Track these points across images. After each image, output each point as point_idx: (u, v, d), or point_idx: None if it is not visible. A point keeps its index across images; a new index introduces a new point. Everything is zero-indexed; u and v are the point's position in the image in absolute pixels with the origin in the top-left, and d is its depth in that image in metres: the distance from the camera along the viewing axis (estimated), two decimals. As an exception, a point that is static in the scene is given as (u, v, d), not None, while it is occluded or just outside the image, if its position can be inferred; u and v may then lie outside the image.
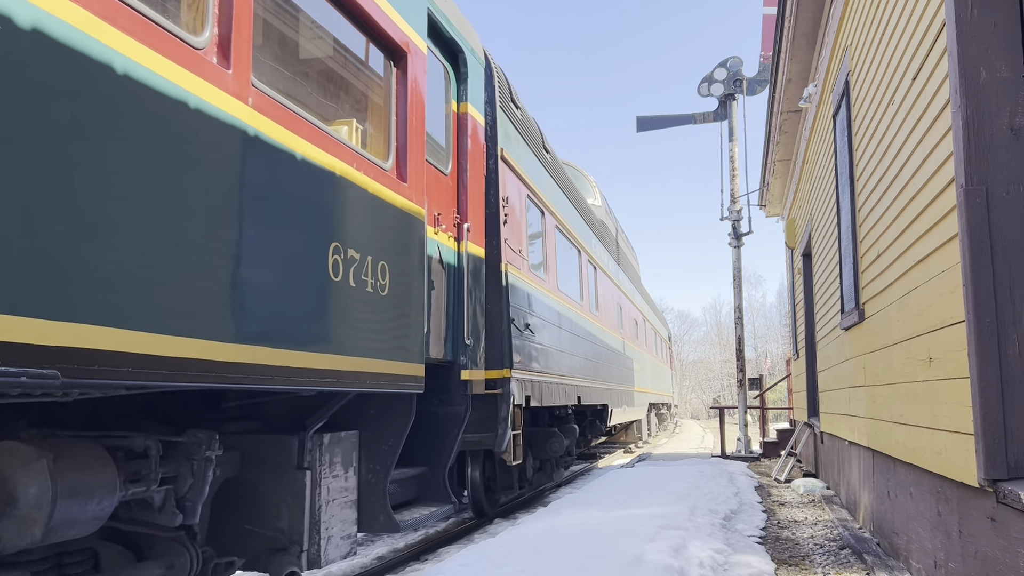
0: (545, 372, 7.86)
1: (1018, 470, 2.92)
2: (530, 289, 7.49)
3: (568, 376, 9.07)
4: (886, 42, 4.61)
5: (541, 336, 7.79)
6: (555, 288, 8.84)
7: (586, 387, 10.24)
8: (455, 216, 5.66)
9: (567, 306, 9.46)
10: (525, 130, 7.87)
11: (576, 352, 9.72)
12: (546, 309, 8.20)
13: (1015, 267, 3.00)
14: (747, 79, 15.35)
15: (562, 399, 8.64)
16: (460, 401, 5.32)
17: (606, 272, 13.15)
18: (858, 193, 5.77)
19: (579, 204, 11.10)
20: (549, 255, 8.91)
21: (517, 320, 6.79)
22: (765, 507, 7.75)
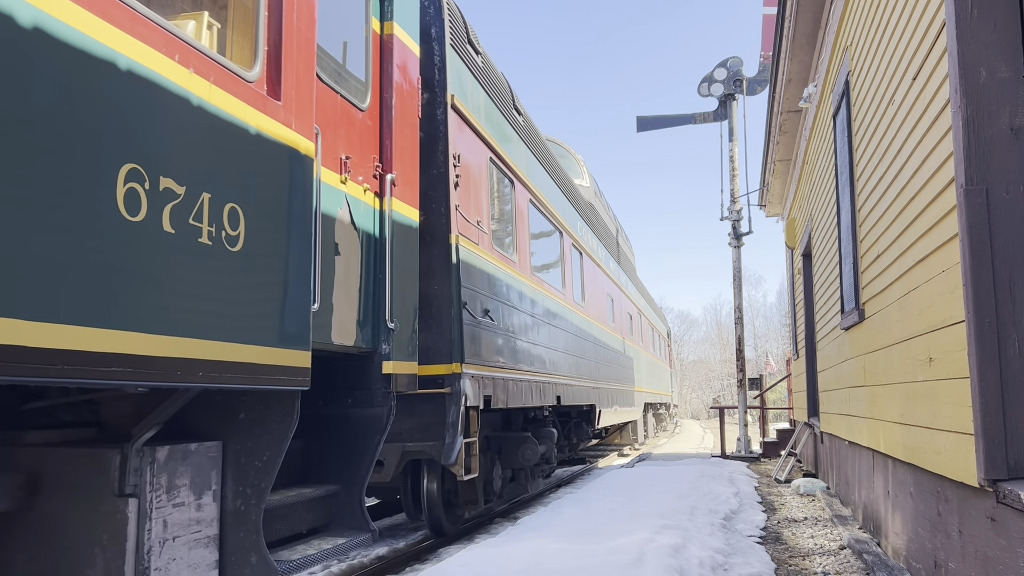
0: (513, 368, 6.85)
1: (1018, 470, 2.92)
2: (493, 269, 6.43)
3: (545, 373, 8.11)
4: (886, 42, 4.61)
5: (508, 325, 6.76)
6: (528, 272, 7.81)
7: (568, 385, 9.23)
8: (375, 165, 4.47)
9: (545, 293, 8.44)
10: (488, 82, 6.79)
11: (555, 346, 8.70)
12: (515, 295, 7.14)
13: (1015, 267, 3.00)
14: (747, 79, 15.35)
15: (536, 399, 7.68)
16: (381, 401, 4.31)
17: (594, 259, 12.00)
18: (858, 193, 5.77)
19: (562, 181, 9.92)
20: (521, 233, 7.73)
21: (472, 304, 5.77)
22: (765, 507, 7.75)
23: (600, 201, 13.91)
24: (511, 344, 6.92)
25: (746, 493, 8.55)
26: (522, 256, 7.68)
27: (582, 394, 10.09)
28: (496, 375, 6.32)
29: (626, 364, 14.66)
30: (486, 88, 6.72)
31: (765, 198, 14.51)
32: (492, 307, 6.34)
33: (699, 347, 76.00)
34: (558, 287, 9.28)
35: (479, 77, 6.55)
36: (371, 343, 4.34)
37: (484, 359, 6.01)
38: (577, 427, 11.12)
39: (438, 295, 5.46)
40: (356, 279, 4.20)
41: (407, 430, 5.37)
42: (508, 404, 6.63)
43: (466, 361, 5.55)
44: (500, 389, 6.41)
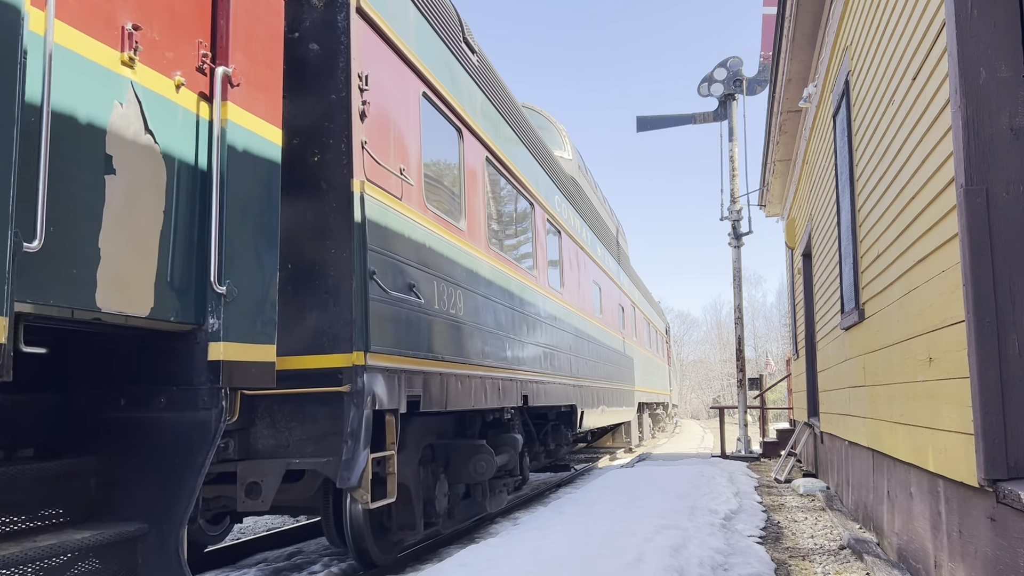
0: (458, 361, 5.60)
1: (1018, 470, 2.92)
2: (426, 235, 5.16)
3: (507, 368, 6.81)
4: (886, 42, 4.61)
5: (450, 308, 5.51)
6: (483, 245, 6.45)
7: (539, 383, 7.92)
8: (200, 54, 3.23)
9: (508, 273, 7.10)
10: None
11: (522, 337, 7.42)
12: (462, 271, 5.82)
13: (1015, 267, 3.00)
14: (747, 79, 15.35)
15: (494, 399, 6.42)
16: (208, 401, 3.16)
17: (577, 241, 10.63)
18: (858, 193, 5.77)
19: (536, 147, 8.56)
20: (473, 196, 6.32)
21: (387, 276, 4.49)
22: (765, 507, 7.75)
23: (586, 178, 12.50)
24: (455, 332, 5.58)
25: (746, 493, 8.55)
26: (474, 225, 6.28)
27: (558, 393, 8.79)
28: (430, 370, 5.03)
29: (617, 361, 13.52)
30: (418, 3, 5.37)
31: (765, 198, 14.51)
32: (423, 282, 5.01)
33: (699, 347, 76.10)
34: (527, 268, 7.94)
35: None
36: (188, 315, 3.11)
37: (408, 348, 4.71)
38: (555, 431, 9.73)
39: (335, 261, 4.21)
40: (155, 217, 2.97)
41: (296, 441, 4.23)
42: (449, 406, 5.30)
43: (373, 350, 4.24)
44: (436, 387, 5.15)
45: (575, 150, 12.17)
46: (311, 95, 4.39)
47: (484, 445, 6.16)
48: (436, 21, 5.72)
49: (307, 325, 4.27)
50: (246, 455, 4.30)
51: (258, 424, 4.34)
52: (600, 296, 12.32)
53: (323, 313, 4.25)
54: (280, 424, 4.29)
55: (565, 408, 9.54)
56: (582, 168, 12.52)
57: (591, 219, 12.03)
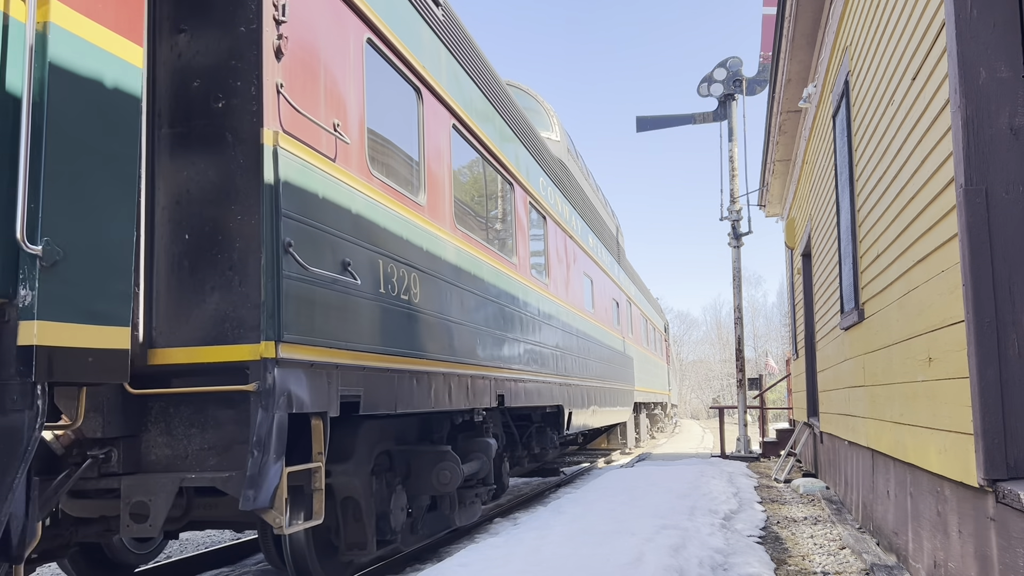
0: (410, 355, 4.87)
1: (1018, 470, 2.92)
2: (367, 206, 4.41)
3: (477, 364, 6.10)
4: (886, 42, 4.61)
5: (401, 292, 4.78)
6: (448, 224, 5.73)
7: (517, 381, 7.20)
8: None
9: (480, 258, 6.38)
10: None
11: (497, 330, 6.71)
12: (418, 251, 5.08)
13: (1015, 267, 3.01)
14: (747, 79, 15.35)
15: (461, 399, 5.73)
16: (20, 400, 2.56)
17: (565, 229, 9.92)
18: (858, 193, 5.77)
19: (515, 119, 7.81)
20: (435, 167, 5.54)
21: (308, 250, 3.74)
22: (765, 507, 7.75)
23: (576, 163, 11.66)
24: (409, 322, 4.87)
25: (746, 493, 8.55)
26: (437, 201, 5.54)
27: (542, 392, 8.10)
28: (374, 365, 4.35)
29: (610, 358, 12.83)
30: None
31: (765, 198, 14.52)
32: (363, 261, 4.29)
33: (699, 347, 76.15)
34: (505, 255, 7.20)
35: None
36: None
37: (342, 339, 4.02)
38: (540, 433, 9.06)
39: (241, 230, 3.54)
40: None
41: (196, 452, 3.59)
42: (401, 408, 4.67)
43: (288, 339, 3.51)
44: (382, 386, 4.46)
45: (564, 132, 11.23)
46: (215, 27, 3.69)
47: (449, 452, 5.43)
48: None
49: (207, 308, 3.55)
50: (135, 468, 3.59)
51: (151, 430, 3.65)
52: (592, 289, 11.59)
53: (227, 294, 3.55)
54: (177, 430, 3.64)
55: (551, 409, 8.87)
56: (572, 152, 11.64)
57: (582, 207, 11.26)
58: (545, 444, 9.16)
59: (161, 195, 3.67)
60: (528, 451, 8.86)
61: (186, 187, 3.65)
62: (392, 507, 5.05)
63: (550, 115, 11.07)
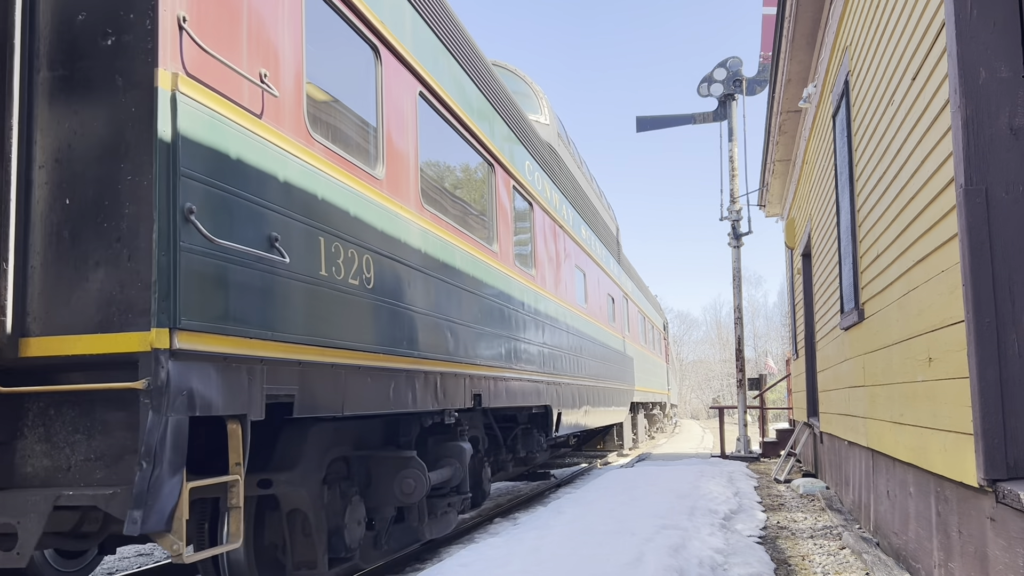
0: (362, 349, 4.21)
1: (1017, 470, 2.92)
2: (302, 172, 3.76)
3: (448, 360, 5.47)
4: (886, 42, 4.61)
5: (350, 276, 4.11)
6: (413, 203, 5.06)
7: (497, 379, 6.59)
8: None
9: (451, 242, 5.69)
10: None
11: (473, 323, 6.04)
12: (373, 231, 4.44)
13: (1015, 267, 3.01)
14: (747, 79, 15.35)
15: (426, 399, 5.06)
16: None
17: (555, 218, 9.31)
18: (857, 193, 5.77)
19: (496, 95, 7.15)
20: (396, 139, 4.89)
21: (218, 219, 3.13)
22: (765, 507, 7.75)
23: (568, 150, 11.02)
24: (361, 310, 4.22)
25: (745, 493, 8.56)
26: (398, 175, 4.89)
27: (527, 392, 7.53)
28: (312, 360, 3.71)
29: (605, 356, 12.32)
30: None
31: (765, 198, 14.52)
32: (297, 237, 3.65)
33: (699, 347, 76.21)
34: (486, 242, 6.62)
35: None
36: None
37: (268, 327, 3.39)
38: (526, 436, 8.47)
39: (132, 193, 2.96)
40: None
41: (80, 463, 3.04)
42: (349, 409, 4.08)
43: (187, 326, 2.90)
44: (325, 384, 3.83)
45: (555, 116, 10.50)
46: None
47: (413, 458, 4.93)
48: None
49: (91, 289, 2.97)
50: (6, 482, 3.05)
51: (27, 436, 3.07)
52: (585, 284, 11.03)
53: (114, 271, 2.95)
54: (59, 437, 3.06)
55: (538, 410, 8.26)
56: (564, 138, 10.94)
57: (574, 196, 10.62)
58: (532, 447, 8.56)
59: (39, 152, 3.06)
60: (513, 455, 8.34)
61: (68, 142, 3.05)
62: (347, 520, 4.54)
63: (539, 97, 10.35)
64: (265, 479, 3.98)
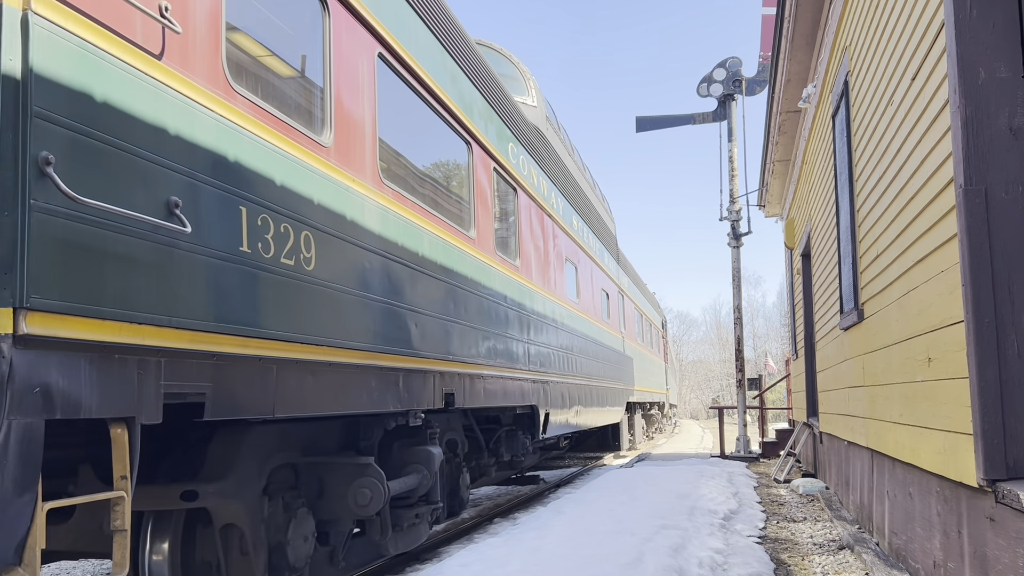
0: (300, 340, 3.61)
1: (1017, 470, 2.92)
2: (217, 129, 3.17)
3: (413, 355, 4.86)
4: (885, 42, 4.61)
5: (283, 255, 3.52)
6: (370, 177, 4.46)
7: (473, 377, 5.95)
8: None
9: (415, 222, 5.02)
10: None
11: (444, 314, 5.41)
12: (316, 206, 3.85)
13: (1014, 267, 3.01)
14: (746, 79, 15.36)
15: (384, 399, 4.48)
16: None
17: (542, 205, 8.67)
18: (857, 193, 5.77)
19: (474, 68, 6.50)
20: (348, 102, 4.29)
21: (94, 175, 2.56)
22: (764, 507, 7.75)
23: (559, 136, 10.49)
24: (295, 293, 3.60)
25: (745, 493, 8.56)
26: (351, 144, 4.31)
27: (509, 391, 6.91)
28: (229, 351, 3.13)
29: (598, 354, 11.73)
30: None
31: (764, 198, 14.53)
32: (207, 204, 3.05)
33: (698, 347, 76.25)
34: (461, 226, 6.02)
35: None
36: None
37: (163, 310, 2.80)
38: (511, 438, 7.78)
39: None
40: None
41: None
42: (281, 411, 3.48)
43: (40, 306, 2.34)
44: (249, 380, 3.27)
45: (544, 99, 9.93)
46: None
47: (370, 466, 4.42)
48: None
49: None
50: None
51: None
52: (576, 277, 10.50)
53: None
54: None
55: (522, 410, 7.71)
56: (553, 123, 10.37)
57: (564, 184, 10.02)
58: (516, 450, 7.85)
59: None
60: (496, 458, 7.67)
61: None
62: (291, 536, 4.07)
63: (527, 78, 9.69)
64: (189, 490, 3.52)
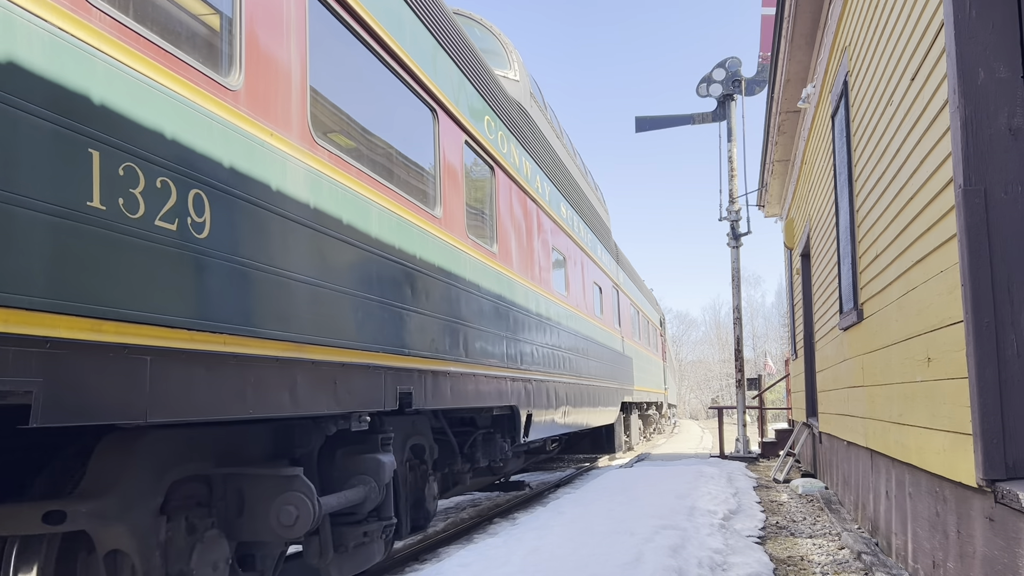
0: (186, 326, 2.90)
1: (1016, 470, 2.92)
2: (38, 44, 2.37)
3: (353, 348, 4.09)
4: (885, 42, 4.61)
5: (159, 217, 2.79)
6: (296, 134, 3.72)
7: (436, 374, 5.15)
8: None
9: (360, 193, 4.27)
10: None
11: (398, 301, 4.65)
12: (206, 158, 3.09)
13: (1013, 267, 3.01)
14: (745, 79, 15.36)
15: (313, 400, 3.69)
16: None
17: (524, 187, 7.92)
18: (856, 193, 5.77)
19: (441, 26, 5.75)
20: (262, 34, 3.52)
21: None
22: (764, 507, 7.75)
23: (544, 115, 9.73)
24: (180, 266, 2.89)
25: (745, 493, 8.56)
26: (265, 88, 3.49)
27: (483, 390, 6.15)
28: (71, 337, 2.44)
29: (589, 351, 11.05)
30: None
31: (764, 198, 14.53)
32: (25, 142, 2.34)
33: (698, 347, 76.29)
34: (424, 204, 5.26)
35: None
36: None
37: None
38: (488, 442, 7.01)
39: None
40: None
41: None
42: (152, 415, 2.73)
43: None
44: (106, 377, 2.55)
45: (528, 75, 9.07)
46: None
47: (296, 478, 3.71)
48: None
49: None
50: None
51: None
52: (565, 268, 9.80)
53: None
54: None
55: (501, 410, 6.97)
56: (539, 101, 9.57)
57: (551, 167, 9.23)
58: (494, 455, 7.04)
59: None
60: (471, 464, 6.90)
61: None
62: (195, 563, 3.40)
63: (509, 51, 8.86)
64: (55, 511, 2.92)
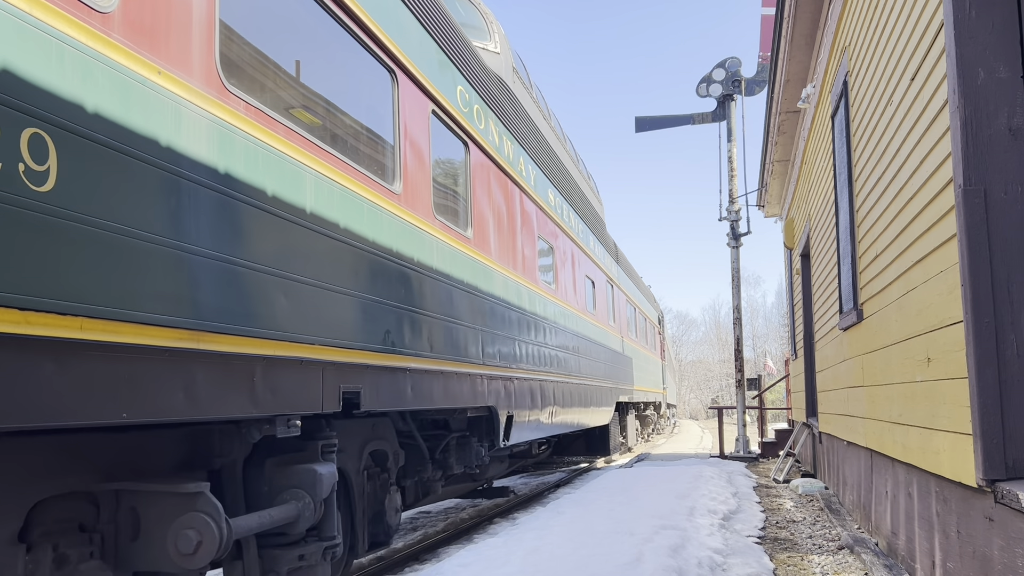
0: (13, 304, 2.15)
1: (1016, 470, 2.92)
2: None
3: (279, 339, 3.41)
4: (884, 42, 4.61)
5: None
6: (200, 78, 3.06)
7: (394, 371, 4.53)
8: None
9: (281, 152, 3.51)
10: None
11: (341, 285, 3.99)
12: (50, 94, 2.31)
13: (1013, 267, 3.01)
14: (745, 79, 15.36)
15: (208, 402, 2.96)
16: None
17: (507, 171, 7.27)
18: (856, 193, 5.77)
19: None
20: None
21: None
22: (764, 507, 7.75)
23: (529, 93, 9.04)
24: (16, 228, 2.19)
25: (744, 493, 8.56)
26: (151, 16, 2.81)
27: (453, 390, 5.49)
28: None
29: (580, 348, 10.40)
30: None
31: (764, 198, 14.53)
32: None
33: (698, 347, 76.31)
34: (382, 178, 4.63)
35: None
36: None
37: None
38: (462, 447, 6.29)
39: None
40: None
41: None
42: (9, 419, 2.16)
43: None
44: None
45: (510, 48, 8.40)
46: None
47: (200, 495, 3.05)
48: None
49: None
50: None
51: None
52: (553, 259, 9.19)
53: None
54: None
55: (477, 412, 6.27)
56: (523, 78, 8.86)
57: (536, 149, 8.48)
58: (469, 461, 6.30)
59: None
60: (444, 471, 6.16)
61: None
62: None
63: (489, 22, 8.18)
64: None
